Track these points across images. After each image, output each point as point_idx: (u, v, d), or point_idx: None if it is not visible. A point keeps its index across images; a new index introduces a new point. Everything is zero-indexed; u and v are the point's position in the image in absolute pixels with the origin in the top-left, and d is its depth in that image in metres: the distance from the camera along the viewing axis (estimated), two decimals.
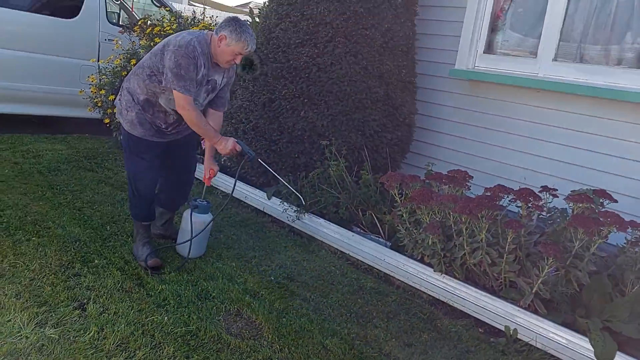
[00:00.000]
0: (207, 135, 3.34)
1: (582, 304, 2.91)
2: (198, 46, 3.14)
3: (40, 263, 3.17)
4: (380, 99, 4.55)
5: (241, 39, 3.13)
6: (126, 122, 3.36)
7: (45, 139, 6.07)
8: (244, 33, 3.13)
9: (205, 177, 3.65)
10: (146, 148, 3.37)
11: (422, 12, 4.97)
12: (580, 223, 2.77)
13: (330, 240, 4.06)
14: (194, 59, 3.11)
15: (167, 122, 3.37)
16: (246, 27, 3.18)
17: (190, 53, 3.09)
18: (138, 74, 3.30)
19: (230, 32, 3.12)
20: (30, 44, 6.04)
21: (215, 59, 3.24)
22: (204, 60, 3.19)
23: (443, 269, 3.30)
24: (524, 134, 4.48)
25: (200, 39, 3.18)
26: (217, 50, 3.19)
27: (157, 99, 3.28)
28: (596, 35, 4.16)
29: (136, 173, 3.41)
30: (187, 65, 3.09)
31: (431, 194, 3.26)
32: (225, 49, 3.15)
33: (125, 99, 3.36)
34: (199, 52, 3.13)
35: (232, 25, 3.14)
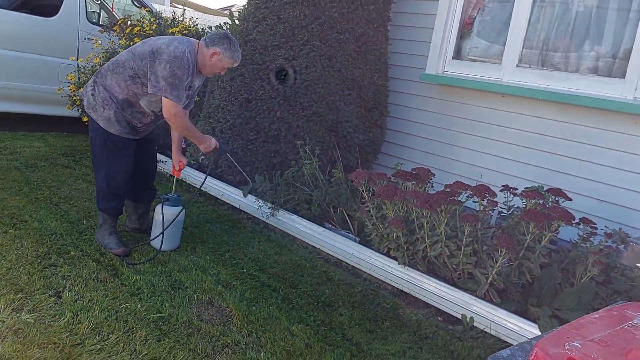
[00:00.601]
0: (194, 137, 3.54)
1: (534, 293, 3.10)
2: (190, 57, 3.31)
3: (17, 254, 3.26)
4: (353, 102, 4.72)
5: (233, 57, 3.43)
6: (102, 119, 3.42)
7: (23, 136, 6.12)
8: (236, 51, 3.43)
9: (174, 169, 3.79)
10: (124, 145, 3.48)
11: (394, 18, 5.16)
12: (531, 217, 2.96)
13: (302, 236, 4.20)
14: (187, 70, 3.29)
15: (142, 122, 3.50)
16: (237, 44, 3.46)
17: (185, 64, 3.27)
18: (118, 73, 3.38)
19: (224, 50, 3.37)
20: (9, 41, 6.09)
21: (200, 68, 3.43)
22: (193, 69, 3.36)
23: (406, 262, 3.46)
24: (489, 137, 4.68)
25: (190, 50, 3.33)
26: (207, 63, 3.41)
27: (137, 100, 3.40)
28: (557, 43, 4.37)
29: (112, 169, 3.49)
30: (181, 76, 3.26)
31: (395, 190, 3.43)
32: (217, 64, 3.41)
33: (101, 96, 3.41)
34: (191, 63, 3.32)
35: (226, 43, 3.38)
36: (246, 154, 4.71)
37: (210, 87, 5.13)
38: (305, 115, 4.57)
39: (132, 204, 3.86)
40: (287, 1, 4.63)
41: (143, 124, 3.51)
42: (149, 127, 3.60)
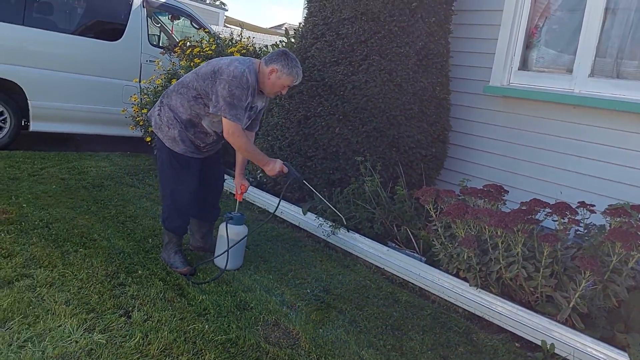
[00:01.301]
0: (256, 159, 3.49)
1: (621, 319, 2.88)
2: (250, 77, 3.29)
3: (88, 273, 3.32)
4: (415, 116, 4.61)
5: (292, 73, 3.35)
6: (167, 138, 3.47)
7: (89, 157, 6.32)
8: (294, 67, 3.35)
9: (237, 193, 3.76)
10: (187, 163, 3.50)
11: (455, 29, 5.04)
12: (618, 237, 2.76)
13: (365, 255, 4.10)
14: (247, 90, 3.26)
15: (205, 142, 3.51)
16: (296, 61, 3.38)
17: (244, 84, 3.25)
18: (182, 94, 3.43)
19: (282, 67, 3.31)
20: (76, 65, 6.34)
21: (261, 87, 3.39)
22: (252, 89, 3.33)
23: (479, 284, 3.30)
24: (560, 150, 4.47)
25: (250, 69, 3.32)
26: (267, 82, 3.36)
27: (200, 120, 3.42)
28: (633, 50, 4.14)
29: (177, 188, 3.52)
30: (240, 96, 3.24)
31: (466, 208, 3.29)
32: (276, 82, 3.34)
33: (166, 116, 3.47)
34: (250, 84, 3.29)
35: (284, 59, 3.33)
36: (305, 171, 4.67)
37: (267, 106, 5.13)
38: (365, 131, 4.50)
39: (197, 223, 3.87)
40: (346, 17, 4.60)
41: (206, 143, 3.52)
42: (213, 147, 3.61)
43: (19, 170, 5.35)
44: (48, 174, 5.37)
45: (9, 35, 5.92)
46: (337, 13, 4.65)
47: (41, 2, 6.32)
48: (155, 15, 7.82)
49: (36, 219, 4.06)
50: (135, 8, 6.73)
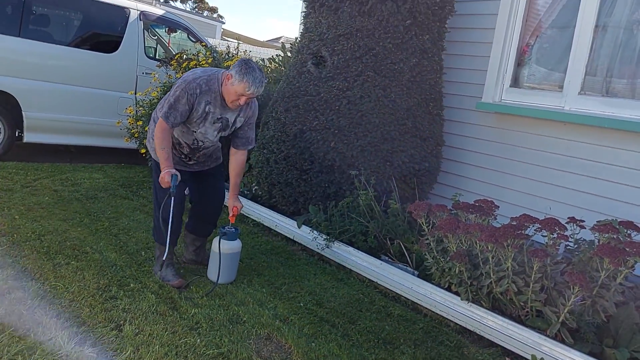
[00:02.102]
0: (159, 156, 3.38)
1: (610, 334, 2.91)
2: (204, 85, 3.28)
3: (79, 286, 3.31)
4: (409, 131, 4.66)
5: (243, 80, 3.19)
6: (152, 150, 3.56)
7: (83, 168, 6.33)
8: (247, 75, 3.18)
9: (230, 214, 3.73)
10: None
11: (449, 47, 5.10)
12: (606, 253, 2.79)
13: (358, 269, 4.12)
14: (192, 96, 3.26)
15: (182, 153, 3.57)
16: (253, 70, 3.21)
17: (190, 89, 3.25)
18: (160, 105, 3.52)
19: (235, 73, 3.22)
20: (71, 77, 6.37)
21: (224, 99, 3.35)
22: (211, 98, 3.32)
23: (470, 298, 3.32)
24: (550, 166, 4.52)
25: (211, 77, 3.32)
26: (224, 89, 3.31)
27: (174, 132, 3.47)
28: (622, 69, 4.21)
29: (161, 199, 3.51)
30: (179, 97, 3.26)
31: (458, 222, 3.32)
32: (230, 89, 3.27)
33: (151, 129, 3.56)
34: (203, 90, 3.28)
35: (239, 66, 3.23)
36: (300, 184, 4.70)
37: (264, 119, 5.18)
38: (360, 145, 4.54)
39: (190, 236, 3.88)
40: (341, 33, 4.65)
41: (183, 154, 3.57)
42: (195, 159, 3.64)
43: (11, 181, 5.35)
44: (41, 185, 5.37)
45: (4, 47, 5.95)
46: (332, 29, 4.70)
47: (38, 14, 6.36)
48: (152, 28, 7.87)
49: (28, 231, 4.06)
50: (132, 21, 6.78)
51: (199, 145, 3.56)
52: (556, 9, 4.63)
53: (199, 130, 3.46)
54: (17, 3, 6.03)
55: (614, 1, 4.23)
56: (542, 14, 4.73)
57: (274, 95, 5.18)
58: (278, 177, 4.84)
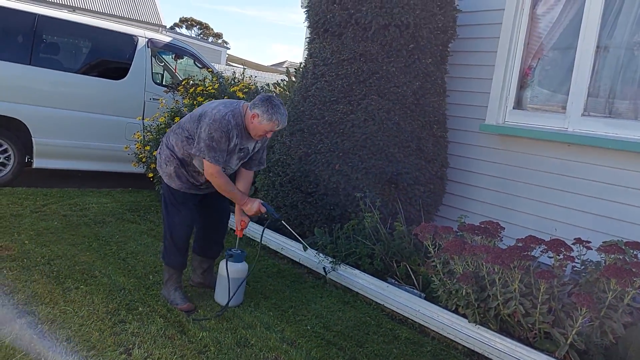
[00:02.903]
0: (234, 198, 3.56)
1: (618, 355, 2.90)
2: (232, 119, 3.37)
3: (89, 310, 3.34)
4: (413, 153, 4.70)
5: (272, 120, 3.35)
6: (165, 174, 3.61)
7: (91, 193, 6.39)
8: (275, 114, 3.34)
9: (237, 229, 3.80)
10: (183, 199, 3.61)
11: (452, 70, 5.18)
12: (612, 274, 2.80)
13: (365, 291, 4.12)
14: (227, 133, 3.34)
15: (199, 181, 3.62)
16: (278, 107, 3.37)
17: (224, 127, 3.33)
18: (177, 133, 3.57)
19: (262, 112, 3.34)
20: (80, 103, 6.48)
21: (247, 130, 3.45)
22: (238, 131, 3.41)
23: (477, 320, 3.32)
24: (555, 187, 4.54)
25: (235, 112, 3.40)
26: (250, 126, 3.42)
27: (191, 159, 3.53)
28: (624, 90, 4.25)
29: (173, 222, 3.61)
30: (219, 139, 3.33)
31: (464, 244, 3.34)
32: (258, 126, 3.38)
33: (164, 154, 3.62)
34: (233, 125, 3.36)
35: (265, 105, 3.35)
36: (305, 206, 4.74)
37: (269, 142, 5.23)
38: (365, 168, 4.58)
39: (198, 258, 3.92)
40: (345, 58, 4.73)
41: (200, 182, 3.62)
42: (210, 185, 3.68)
43: (21, 206, 5.41)
44: (50, 210, 5.43)
45: (15, 74, 6.07)
46: (336, 54, 4.79)
47: (48, 42, 6.50)
48: (159, 55, 8.01)
49: (38, 256, 4.10)
50: (140, 48, 6.91)
51: None
52: (557, 31, 4.71)
53: (226, 163, 3.51)
54: (28, 32, 6.17)
55: (614, 23, 4.30)
56: (543, 37, 4.80)
57: None
58: (283, 200, 4.87)
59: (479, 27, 5.18)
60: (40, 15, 6.25)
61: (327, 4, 4.81)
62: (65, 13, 6.81)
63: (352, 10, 4.65)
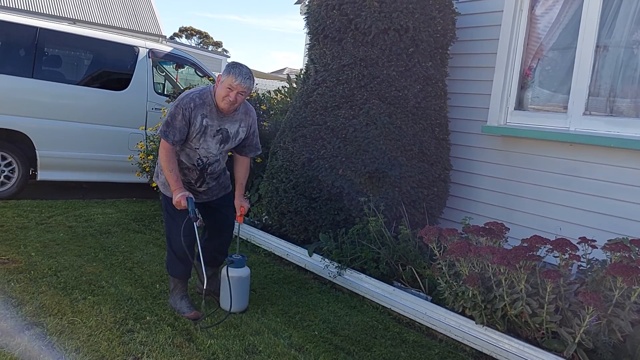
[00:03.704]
0: (169, 181, 3.49)
1: (627, 353, 2.90)
2: (198, 99, 3.44)
3: (97, 320, 3.35)
4: (416, 156, 4.71)
5: (230, 74, 3.37)
6: (161, 184, 3.67)
7: (96, 204, 6.41)
8: (233, 69, 3.39)
9: (237, 214, 3.82)
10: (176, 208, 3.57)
11: (452, 72, 5.19)
12: (618, 271, 2.80)
13: (371, 295, 4.13)
14: (185, 110, 3.40)
15: (191, 180, 3.64)
16: (239, 66, 3.42)
17: (184, 105, 3.41)
18: None
19: (223, 72, 3.45)
20: (83, 115, 6.51)
21: (218, 105, 3.47)
22: (206, 111, 3.45)
23: (485, 321, 3.32)
24: (558, 187, 4.54)
25: (203, 92, 3.50)
26: (217, 96, 3.45)
27: (179, 156, 3.58)
28: (624, 89, 4.27)
29: (171, 233, 3.62)
30: (175, 114, 3.41)
31: (469, 246, 3.34)
32: (220, 86, 3.42)
33: (159, 163, 3.66)
34: (198, 104, 3.43)
35: (227, 66, 3.47)
36: (310, 212, 4.74)
37: (272, 149, 5.26)
38: (368, 172, 4.59)
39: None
40: (346, 63, 4.76)
41: (193, 179, 3.64)
42: (205, 186, 3.70)
43: (27, 219, 5.44)
44: (56, 222, 5.45)
45: (18, 88, 6.11)
46: (336, 60, 4.81)
47: (49, 55, 6.54)
48: (160, 65, 8.05)
49: (45, 268, 4.12)
50: (141, 58, 6.95)
51: (205, 163, 3.61)
52: (557, 31, 4.72)
53: (201, 146, 3.53)
54: (30, 45, 6.21)
55: (613, 22, 4.32)
56: (542, 37, 4.82)
57: (282, 126, 5.27)
58: (287, 206, 4.89)
59: (478, 29, 5.20)
60: (41, 29, 6.30)
61: (327, 10, 4.84)
62: (66, 25, 6.86)
63: (351, 16, 4.68)
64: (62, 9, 19.55)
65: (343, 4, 4.72)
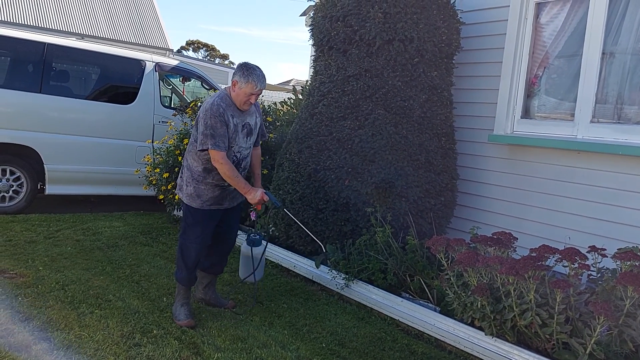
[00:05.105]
0: (238, 186, 3.60)
1: None
2: (222, 103, 3.53)
3: (104, 334, 3.35)
4: (422, 166, 4.69)
5: (249, 81, 3.48)
6: (186, 195, 3.71)
7: (103, 217, 6.43)
8: (250, 75, 3.49)
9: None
10: (202, 217, 3.68)
11: (458, 81, 5.19)
12: (629, 280, 2.77)
13: (379, 307, 4.10)
14: (220, 116, 3.47)
15: (224, 183, 3.67)
16: (253, 69, 3.53)
17: (216, 112, 3.47)
18: (190, 150, 3.70)
19: (239, 77, 3.51)
20: (90, 129, 6.55)
21: (238, 106, 3.59)
22: (232, 111, 3.55)
23: (494, 332, 3.29)
24: (567, 195, 4.50)
25: (222, 95, 3.59)
26: (234, 96, 3.57)
27: (211, 165, 3.61)
28: (632, 96, 4.24)
29: (187, 240, 3.69)
30: (214, 124, 3.46)
31: (477, 256, 3.31)
32: (239, 92, 3.53)
33: (185, 175, 3.74)
34: (224, 108, 3.51)
35: (241, 70, 3.53)
36: (317, 223, 4.73)
37: (279, 160, 5.26)
38: (374, 182, 4.58)
39: (201, 274, 3.96)
40: (351, 74, 4.76)
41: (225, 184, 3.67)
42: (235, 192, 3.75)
43: (35, 233, 5.46)
44: (63, 235, 5.47)
45: (26, 103, 6.15)
46: (341, 71, 4.82)
47: (57, 70, 6.59)
48: (167, 78, 8.10)
49: (52, 282, 4.13)
50: (148, 72, 6.99)
51: (239, 159, 3.70)
52: (562, 39, 4.71)
53: (235, 144, 3.63)
54: (38, 61, 6.27)
55: (619, 29, 4.30)
56: (548, 45, 4.81)
57: (288, 137, 5.28)
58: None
59: (483, 38, 5.20)
60: (49, 44, 6.36)
61: (331, 22, 4.86)
62: (74, 41, 6.92)
63: (355, 27, 4.69)
64: (70, 24, 19.76)
65: (347, 16, 4.74)
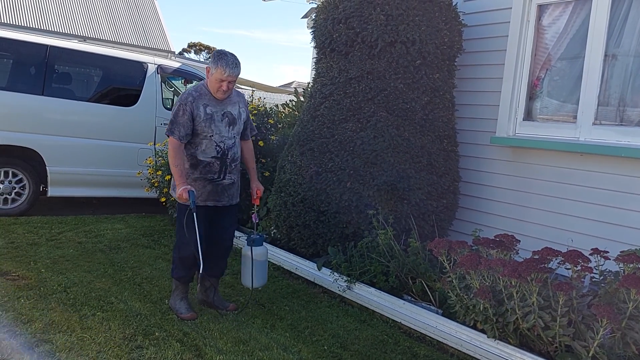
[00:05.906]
0: (175, 175, 3.67)
1: None
2: (194, 92, 3.63)
3: (105, 336, 3.34)
4: (424, 169, 4.69)
5: (218, 66, 3.54)
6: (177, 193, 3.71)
7: (105, 219, 6.44)
8: (220, 60, 3.55)
9: (253, 197, 4.01)
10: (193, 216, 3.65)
11: (460, 84, 5.18)
12: (632, 283, 2.76)
13: (381, 309, 4.09)
14: (185, 105, 3.58)
15: (215, 171, 3.73)
16: (224, 54, 3.58)
17: (183, 101, 3.60)
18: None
19: (211, 64, 3.60)
20: (93, 131, 6.56)
21: (214, 95, 3.67)
22: (206, 100, 3.63)
23: (496, 335, 3.28)
24: (569, 197, 4.50)
25: (197, 86, 3.70)
26: (208, 84, 3.65)
27: (197, 156, 3.69)
28: (634, 98, 4.23)
29: (182, 239, 3.72)
30: (177, 111, 3.60)
31: (479, 258, 3.30)
32: (211, 79, 3.61)
33: None
34: (195, 96, 3.61)
35: (213, 57, 3.62)
36: (318, 225, 4.73)
37: (280, 163, 5.26)
38: (376, 185, 4.57)
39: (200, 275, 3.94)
40: (353, 77, 4.76)
41: (216, 172, 3.73)
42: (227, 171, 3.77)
43: (37, 235, 5.46)
44: (65, 238, 5.48)
45: (29, 105, 6.17)
46: (343, 73, 4.82)
47: (60, 72, 6.61)
48: (169, 80, 8.11)
49: (54, 284, 4.13)
50: (150, 74, 7.00)
51: (223, 149, 3.73)
52: (564, 41, 4.70)
53: (214, 132, 3.67)
54: (40, 63, 6.28)
55: (621, 31, 4.30)
56: (550, 48, 4.80)
57: (289, 140, 5.28)
58: (296, 220, 4.87)
59: (485, 40, 5.19)
60: (51, 47, 6.37)
61: (333, 24, 4.86)
62: (76, 43, 6.94)
63: (357, 29, 4.69)
64: (72, 27, 19.80)
65: (349, 18, 4.74)
